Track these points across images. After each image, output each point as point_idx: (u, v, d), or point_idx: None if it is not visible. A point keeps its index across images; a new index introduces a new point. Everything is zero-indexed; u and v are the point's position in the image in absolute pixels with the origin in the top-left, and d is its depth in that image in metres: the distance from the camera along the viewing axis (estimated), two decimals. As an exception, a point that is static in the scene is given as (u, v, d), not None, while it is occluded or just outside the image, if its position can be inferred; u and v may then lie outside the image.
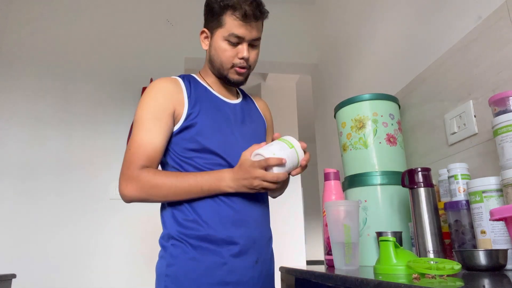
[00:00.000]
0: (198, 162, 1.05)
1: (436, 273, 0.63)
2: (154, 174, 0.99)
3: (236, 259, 1.00)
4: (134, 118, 1.06)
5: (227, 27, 1.07)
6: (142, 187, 0.98)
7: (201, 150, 1.05)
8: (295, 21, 2.86)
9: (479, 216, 0.83)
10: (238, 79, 1.13)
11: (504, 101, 0.84)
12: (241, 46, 1.08)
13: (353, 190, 1.27)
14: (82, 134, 2.32)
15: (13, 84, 2.34)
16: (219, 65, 1.11)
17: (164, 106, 1.05)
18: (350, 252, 0.95)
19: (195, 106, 1.08)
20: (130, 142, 1.04)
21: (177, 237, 1.01)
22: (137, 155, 1.00)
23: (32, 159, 2.24)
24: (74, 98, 2.39)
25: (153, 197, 1.00)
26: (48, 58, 2.43)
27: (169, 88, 1.08)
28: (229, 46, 1.08)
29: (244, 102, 1.22)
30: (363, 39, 1.96)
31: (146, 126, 1.03)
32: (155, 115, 1.04)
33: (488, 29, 1.07)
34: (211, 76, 1.17)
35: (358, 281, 0.65)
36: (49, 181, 2.22)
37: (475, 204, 0.85)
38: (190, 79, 1.15)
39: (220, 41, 1.09)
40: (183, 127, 1.06)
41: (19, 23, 2.45)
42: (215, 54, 1.11)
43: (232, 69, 1.11)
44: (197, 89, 1.12)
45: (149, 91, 1.08)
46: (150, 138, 1.02)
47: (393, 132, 1.30)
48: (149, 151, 1.01)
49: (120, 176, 1.01)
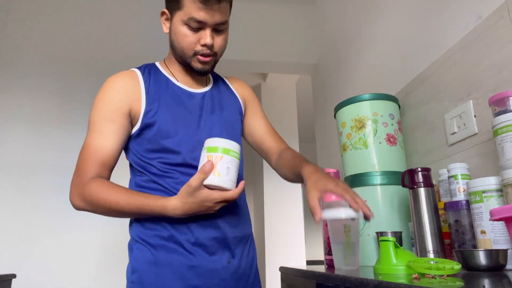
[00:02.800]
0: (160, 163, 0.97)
1: (436, 273, 0.63)
2: (97, 187, 0.91)
3: (204, 261, 0.93)
4: (88, 120, 0.99)
5: (186, 10, 0.94)
6: (86, 200, 0.92)
7: (162, 150, 0.97)
8: (295, 21, 2.86)
9: (479, 216, 0.83)
10: (203, 68, 1.01)
11: (504, 101, 0.84)
12: (203, 31, 0.96)
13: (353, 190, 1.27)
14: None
15: (13, 84, 2.34)
16: (180, 52, 1.00)
17: (117, 106, 0.96)
18: (350, 252, 0.95)
19: (153, 102, 0.99)
20: (82, 147, 0.96)
21: (141, 240, 0.95)
22: (87, 160, 0.93)
23: (32, 159, 2.24)
24: (74, 98, 2.39)
25: (98, 212, 0.94)
26: (48, 58, 2.43)
27: (123, 84, 0.99)
28: (190, 31, 0.96)
29: (214, 88, 1.11)
30: (363, 39, 1.96)
31: (97, 129, 0.95)
32: (107, 116, 0.96)
33: (488, 29, 1.07)
34: (175, 64, 1.06)
35: (358, 281, 0.65)
36: (49, 181, 2.22)
37: (475, 204, 0.85)
38: (151, 70, 1.05)
39: (179, 26, 0.97)
40: (142, 127, 0.97)
41: (19, 22, 2.45)
42: (175, 39, 0.99)
43: (195, 57, 0.99)
44: (157, 81, 1.02)
45: (102, 90, 1.00)
46: (101, 142, 0.94)
47: (393, 132, 1.30)
48: (100, 156, 0.94)
49: (70, 183, 0.95)
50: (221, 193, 0.87)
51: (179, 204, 0.89)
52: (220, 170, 0.87)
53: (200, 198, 0.87)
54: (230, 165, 0.89)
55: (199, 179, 0.86)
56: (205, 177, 0.86)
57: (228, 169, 0.88)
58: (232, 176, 0.89)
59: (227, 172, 0.88)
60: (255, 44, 2.73)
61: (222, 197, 0.88)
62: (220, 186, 0.87)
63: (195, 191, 0.87)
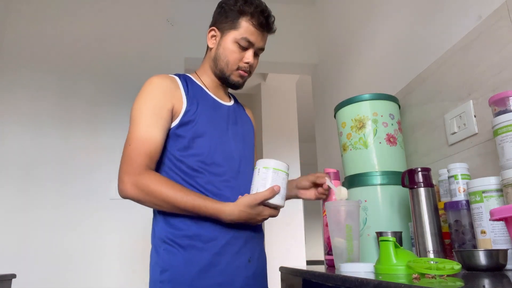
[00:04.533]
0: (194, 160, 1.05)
1: (436, 273, 0.63)
2: (154, 179, 0.98)
3: (228, 259, 1.00)
4: (132, 113, 1.05)
5: (241, 31, 1.11)
6: (141, 189, 0.96)
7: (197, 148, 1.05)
8: (295, 21, 2.86)
9: (479, 216, 0.83)
10: (239, 82, 1.16)
11: (504, 101, 0.84)
12: (249, 51, 1.13)
13: (353, 190, 1.27)
14: (82, 134, 2.32)
15: (13, 84, 2.34)
16: (225, 65, 1.13)
17: (163, 103, 1.04)
18: (352, 252, 0.95)
19: (193, 103, 1.08)
20: (129, 137, 1.02)
21: (168, 240, 1.01)
22: (137, 150, 0.99)
23: (32, 159, 2.24)
24: (74, 98, 2.39)
25: (148, 203, 0.99)
26: (48, 58, 2.43)
27: (166, 84, 1.08)
28: (238, 49, 1.12)
29: (236, 105, 1.25)
30: (363, 39, 1.96)
31: (146, 122, 1.02)
32: (154, 111, 1.03)
33: (488, 29, 1.07)
34: (208, 77, 1.18)
35: (358, 281, 0.65)
36: (49, 181, 2.22)
37: (475, 204, 0.85)
38: (186, 78, 1.15)
39: (230, 42, 1.12)
40: (180, 124, 1.05)
41: (19, 22, 2.45)
42: (223, 53, 1.13)
43: (237, 71, 1.14)
44: (193, 88, 1.13)
45: (146, 88, 1.07)
46: (150, 134, 1.01)
47: (393, 132, 1.30)
48: (150, 147, 1.00)
49: (120, 172, 0.99)
50: (273, 212, 1.01)
51: (235, 211, 0.97)
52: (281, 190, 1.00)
53: (257, 211, 0.98)
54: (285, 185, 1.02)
55: (265, 197, 0.97)
56: (271, 197, 0.98)
57: (284, 189, 1.01)
58: (284, 195, 1.02)
59: (284, 192, 1.01)
60: (255, 44, 2.72)
61: (271, 215, 1.01)
62: (278, 205, 1.00)
63: (256, 206, 0.98)
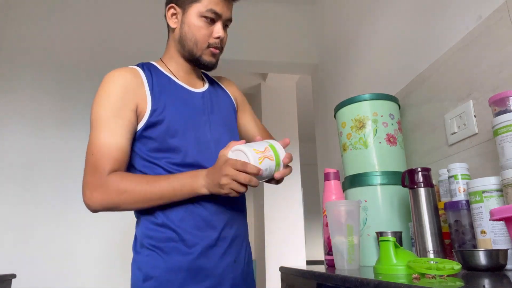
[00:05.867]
0: (168, 163, 0.96)
1: (436, 273, 0.63)
2: (122, 178, 0.89)
3: (215, 261, 0.95)
4: (91, 116, 0.94)
5: (204, 3, 1.00)
6: (109, 194, 0.88)
7: (170, 150, 0.96)
8: (295, 21, 2.86)
9: (479, 216, 0.83)
10: (211, 61, 1.05)
11: (504, 101, 0.84)
12: (217, 24, 1.02)
13: (353, 190, 1.27)
14: (82, 134, 2.31)
15: (13, 84, 2.34)
16: (193, 44, 1.02)
17: (124, 102, 0.94)
18: (352, 252, 0.95)
19: (159, 100, 0.98)
20: (91, 145, 0.91)
21: (149, 245, 0.93)
22: (102, 159, 0.89)
23: (32, 159, 2.24)
24: (74, 98, 2.39)
25: (122, 205, 0.89)
26: (48, 58, 2.43)
27: (127, 80, 0.97)
28: (205, 24, 1.01)
29: (211, 88, 1.13)
30: (363, 39, 1.96)
31: (107, 126, 0.91)
32: (116, 112, 0.92)
33: (488, 29, 1.07)
34: (176, 63, 1.07)
35: (358, 281, 0.65)
36: (49, 181, 2.23)
37: (475, 204, 0.85)
38: (150, 68, 1.04)
39: (195, 17, 1.01)
40: (148, 125, 0.95)
41: (19, 22, 2.45)
42: (188, 32, 1.02)
43: (208, 49, 1.03)
44: (159, 80, 1.02)
45: (106, 85, 0.96)
46: (114, 140, 0.91)
47: (393, 132, 1.30)
48: (115, 154, 0.90)
49: (83, 185, 0.90)
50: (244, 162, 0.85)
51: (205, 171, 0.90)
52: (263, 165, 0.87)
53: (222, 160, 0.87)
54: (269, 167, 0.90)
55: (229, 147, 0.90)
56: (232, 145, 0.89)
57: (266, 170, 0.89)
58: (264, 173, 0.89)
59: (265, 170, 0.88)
60: (255, 44, 2.73)
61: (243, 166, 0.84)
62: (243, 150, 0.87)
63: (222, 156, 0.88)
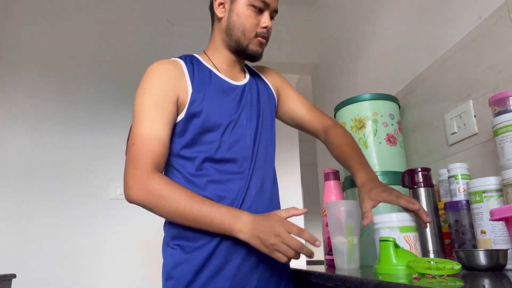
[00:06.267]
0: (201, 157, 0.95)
1: (436, 273, 0.63)
2: (166, 185, 0.88)
3: (238, 262, 0.93)
4: (134, 108, 0.95)
5: None
6: (151, 195, 0.87)
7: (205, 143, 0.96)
8: (295, 21, 2.86)
9: (479, 216, 0.83)
10: (258, 51, 1.05)
11: (504, 101, 0.84)
12: (265, 14, 1.03)
13: (353, 190, 1.27)
14: (82, 134, 2.32)
15: (13, 84, 2.34)
16: (241, 33, 1.02)
17: (166, 93, 0.94)
18: (352, 253, 0.95)
19: (199, 91, 0.98)
20: (133, 136, 0.92)
21: (173, 244, 0.94)
22: (143, 151, 0.89)
23: (32, 159, 2.24)
24: (74, 98, 2.39)
25: (157, 209, 0.89)
26: (48, 58, 2.43)
27: (169, 72, 0.98)
28: (254, 13, 1.02)
29: (252, 80, 1.12)
30: (363, 39, 1.96)
31: (149, 117, 0.92)
32: (157, 103, 0.93)
33: (488, 29, 1.07)
34: (220, 54, 1.07)
35: (358, 281, 0.65)
36: (49, 181, 2.22)
37: (475, 204, 0.85)
38: (192, 60, 1.04)
39: (244, 6, 1.01)
40: (187, 116, 0.96)
41: (19, 22, 2.45)
42: (237, 20, 1.02)
43: (255, 39, 1.03)
44: (200, 72, 1.02)
45: (148, 76, 0.98)
46: (155, 132, 0.91)
47: (393, 132, 1.30)
48: (156, 146, 0.90)
49: (125, 175, 0.89)
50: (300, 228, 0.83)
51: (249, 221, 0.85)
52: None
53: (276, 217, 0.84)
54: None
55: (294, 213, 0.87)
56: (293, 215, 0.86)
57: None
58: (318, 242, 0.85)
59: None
60: (255, 44, 2.72)
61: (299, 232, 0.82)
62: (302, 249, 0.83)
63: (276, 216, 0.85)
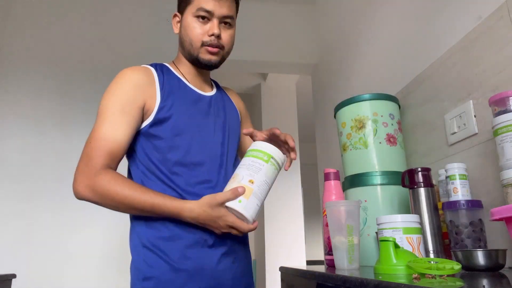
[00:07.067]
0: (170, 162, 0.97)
1: (436, 273, 0.63)
2: (110, 180, 0.90)
3: (214, 261, 0.96)
4: (98, 108, 0.98)
5: (195, 3, 1.02)
6: (95, 191, 0.89)
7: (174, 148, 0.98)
8: (295, 21, 2.86)
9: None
10: (210, 59, 1.05)
11: (504, 101, 0.84)
12: (210, 23, 1.03)
13: (353, 190, 1.27)
14: (82, 134, 2.31)
15: (13, 84, 2.34)
16: (189, 44, 1.05)
17: (132, 98, 0.96)
18: (352, 253, 0.95)
19: (168, 98, 1.00)
20: (91, 135, 0.95)
21: (149, 244, 0.94)
22: (97, 150, 0.92)
23: (32, 159, 2.24)
24: (74, 98, 2.39)
25: (105, 204, 0.92)
26: (48, 58, 2.43)
27: (139, 78, 1.00)
28: (199, 23, 1.03)
29: (218, 93, 1.16)
30: (363, 39, 1.96)
31: (110, 119, 0.94)
32: (122, 107, 0.95)
33: (488, 29, 1.07)
34: (185, 65, 1.10)
35: (358, 281, 0.65)
36: (49, 181, 2.22)
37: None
38: (163, 68, 1.07)
39: (189, 19, 1.04)
40: (154, 121, 0.98)
41: (19, 23, 2.45)
42: (184, 33, 1.05)
43: (203, 48, 1.03)
44: (170, 80, 1.05)
45: (117, 81, 0.99)
46: (113, 133, 0.93)
47: (393, 132, 1.30)
48: (111, 147, 0.92)
49: (76, 170, 0.92)
50: (236, 220, 0.91)
51: (197, 209, 0.91)
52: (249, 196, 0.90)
53: (217, 214, 0.90)
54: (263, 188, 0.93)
55: (226, 198, 0.89)
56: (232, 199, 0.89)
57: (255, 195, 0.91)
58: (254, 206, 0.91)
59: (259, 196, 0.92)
60: (255, 44, 2.73)
61: (235, 224, 0.91)
62: (239, 212, 0.90)
63: (217, 206, 0.90)
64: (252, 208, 0.91)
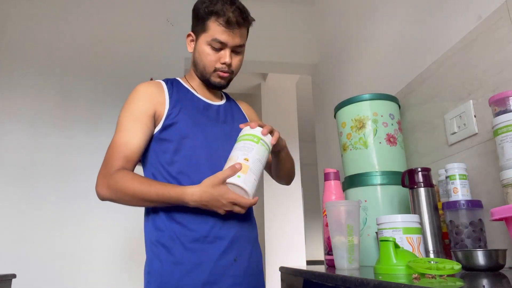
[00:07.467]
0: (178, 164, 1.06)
1: (436, 273, 0.63)
2: (123, 177, 1.00)
3: (214, 258, 1.01)
4: (117, 120, 1.09)
5: (210, 33, 1.10)
6: (111, 188, 0.99)
7: (182, 150, 1.06)
8: (295, 21, 2.86)
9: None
10: (220, 82, 1.15)
11: (504, 101, 0.84)
12: (223, 51, 1.11)
13: (353, 190, 1.27)
14: (82, 135, 2.32)
15: (13, 84, 2.34)
16: (202, 68, 1.14)
17: (144, 108, 1.07)
18: (352, 253, 0.95)
19: (175, 106, 1.10)
20: (110, 144, 1.07)
21: (155, 241, 1.03)
22: (114, 154, 1.03)
23: (32, 159, 2.24)
24: (74, 98, 2.39)
25: (121, 200, 1.01)
26: (48, 58, 2.43)
27: (150, 91, 1.11)
28: (212, 51, 1.11)
29: (227, 103, 1.25)
30: (363, 39, 1.96)
31: (124, 128, 1.06)
32: (134, 116, 1.06)
33: (488, 29, 1.07)
34: (196, 80, 1.20)
35: (358, 281, 0.65)
36: (48, 181, 2.22)
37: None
38: (173, 82, 1.18)
39: (203, 46, 1.12)
40: (164, 127, 1.08)
41: (19, 23, 2.45)
42: (198, 57, 1.14)
43: (215, 73, 1.13)
44: (179, 91, 1.15)
45: (130, 95, 1.12)
46: (127, 139, 1.04)
47: (393, 132, 1.30)
48: (126, 151, 1.03)
49: (97, 175, 1.04)
50: (237, 196, 0.96)
51: (198, 192, 0.96)
52: (247, 171, 0.95)
53: (218, 192, 0.95)
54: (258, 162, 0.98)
55: (226, 175, 0.95)
56: (232, 175, 0.95)
57: (251, 171, 0.96)
58: (252, 181, 0.96)
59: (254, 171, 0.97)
60: (255, 44, 2.72)
61: (236, 200, 0.96)
62: (240, 186, 0.94)
63: (218, 185, 0.95)
64: (250, 181, 0.96)
